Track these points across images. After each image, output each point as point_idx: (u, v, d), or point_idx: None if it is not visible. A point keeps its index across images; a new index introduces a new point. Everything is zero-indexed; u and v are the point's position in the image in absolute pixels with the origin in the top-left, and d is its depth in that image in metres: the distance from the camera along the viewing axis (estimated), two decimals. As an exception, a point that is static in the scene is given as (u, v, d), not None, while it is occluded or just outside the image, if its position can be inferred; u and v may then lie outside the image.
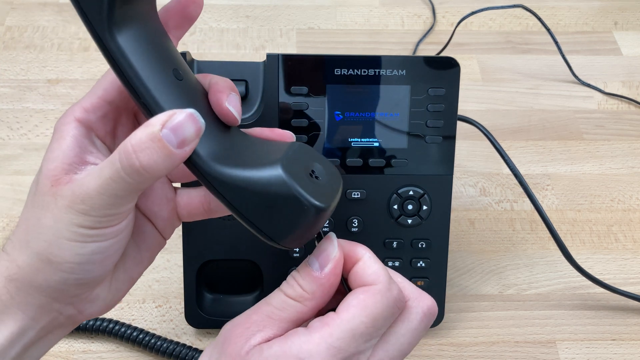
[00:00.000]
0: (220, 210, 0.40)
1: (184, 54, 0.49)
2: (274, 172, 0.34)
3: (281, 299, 0.35)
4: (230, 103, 0.36)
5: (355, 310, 0.34)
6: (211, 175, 0.35)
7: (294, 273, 0.36)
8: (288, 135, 0.39)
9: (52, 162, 0.35)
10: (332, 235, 0.36)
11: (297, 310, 0.35)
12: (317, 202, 0.34)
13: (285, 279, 0.53)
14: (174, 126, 0.32)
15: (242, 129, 0.38)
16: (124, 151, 0.32)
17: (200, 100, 0.36)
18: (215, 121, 0.36)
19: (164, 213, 0.39)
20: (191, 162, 0.34)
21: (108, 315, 0.56)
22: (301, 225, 0.35)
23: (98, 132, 0.37)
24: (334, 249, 0.36)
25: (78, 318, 0.38)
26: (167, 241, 0.63)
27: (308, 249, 0.52)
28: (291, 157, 0.35)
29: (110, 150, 0.37)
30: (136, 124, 0.39)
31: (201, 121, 0.33)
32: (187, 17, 0.38)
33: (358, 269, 0.36)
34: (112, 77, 0.37)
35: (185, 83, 0.36)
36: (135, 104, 0.35)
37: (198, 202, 0.40)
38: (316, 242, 0.37)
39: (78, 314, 0.37)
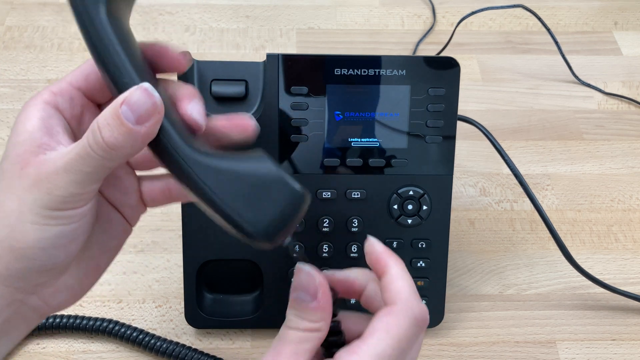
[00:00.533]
0: (182, 196, 0.40)
1: (184, 54, 0.49)
2: (258, 155, 0.35)
3: (299, 335, 0.36)
4: (193, 109, 0.36)
5: (379, 333, 0.34)
6: (190, 159, 0.34)
7: (293, 312, 0.36)
8: (247, 122, 0.38)
9: (20, 145, 0.34)
10: (302, 265, 0.36)
11: (318, 337, 0.36)
12: (301, 188, 0.34)
13: (285, 279, 0.53)
14: (131, 102, 0.32)
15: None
16: (91, 128, 0.33)
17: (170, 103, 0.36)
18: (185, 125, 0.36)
19: (131, 201, 0.39)
20: (166, 144, 0.34)
21: (108, 315, 0.56)
22: (284, 212, 0.34)
23: (65, 113, 0.36)
24: (313, 278, 0.36)
25: (43, 310, 0.37)
26: (167, 241, 0.63)
27: (308, 249, 0.53)
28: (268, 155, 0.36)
29: (75, 134, 0.37)
30: None
31: (156, 95, 0.32)
32: (166, 64, 0.37)
33: (384, 284, 0.37)
34: (83, 68, 0.37)
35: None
36: (110, 85, 0.34)
37: (159, 188, 0.40)
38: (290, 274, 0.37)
39: (43, 305, 0.37)
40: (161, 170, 0.38)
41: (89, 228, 0.36)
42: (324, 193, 0.52)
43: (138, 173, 0.40)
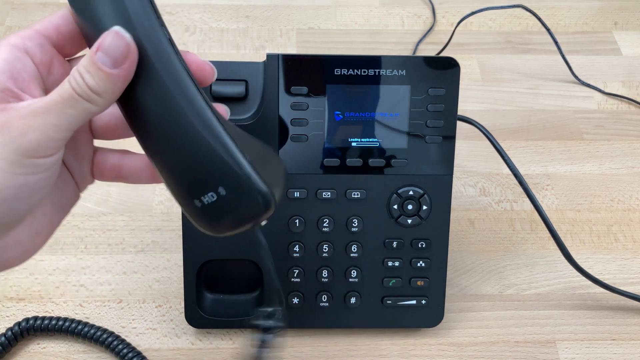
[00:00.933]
0: (132, 176, 0.40)
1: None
2: None
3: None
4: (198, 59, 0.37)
5: None
6: (211, 110, 0.34)
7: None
8: (208, 68, 0.38)
9: None
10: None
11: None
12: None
13: (285, 279, 0.53)
14: (104, 47, 0.32)
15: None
16: (72, 74, 0.32)
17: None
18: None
19: (83, 169, 0.39)
20: (187, 91, 0.34)
21: (108, 314, 0.56)
22: (281, 179, 0.36)
23: (35, 58, 0.35)
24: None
25: None
26: (167, 241, 0.63)
27: (308, 249, 0.53)
28: None
29: (44, 81, 0.36)
30: (69, 68, 0.37)
31: (127, 36, 0.32)
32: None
33: None
34: (53, 19, 0.36)
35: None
36: (88, 33, 0.34)
37: (110, 163, 0.40)
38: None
39: None
40: (117, 145, 0.39)
41: (53, 182, 0.35)
42: (324, 193, 0.52)
43: (96, 143, 0.40)
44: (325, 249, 0.53)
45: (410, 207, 0.52)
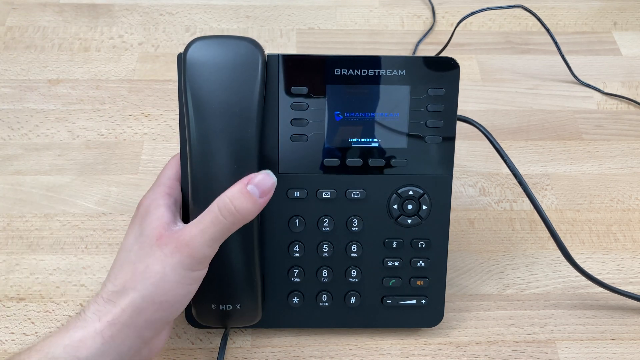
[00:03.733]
0: None
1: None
2: None
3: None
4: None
5: None
6: None
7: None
8: None
9: (153, 225, 0.44)
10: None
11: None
12: None
13: (285, 279, 0.53)
14: (255, 182, 0.44)
15: None
16: (222, 202, 0.43)
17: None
18: None
19: None
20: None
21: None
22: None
23: (177, 198, 0.48)
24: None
25: (145, 358, 0.45)
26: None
27: (308, 249, 0.53)
28: None
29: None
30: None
31: (274, 178, 0.45)
32: None
33: None
34: (175, 164, 0.49)
35: None
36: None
37: None
38: None
39: (148, 353, 0.45)
40: None
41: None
42: (324, 193, 0.52)
43: None
44: (325, 248, 0.53)
45: (410, 207, 0.52)
